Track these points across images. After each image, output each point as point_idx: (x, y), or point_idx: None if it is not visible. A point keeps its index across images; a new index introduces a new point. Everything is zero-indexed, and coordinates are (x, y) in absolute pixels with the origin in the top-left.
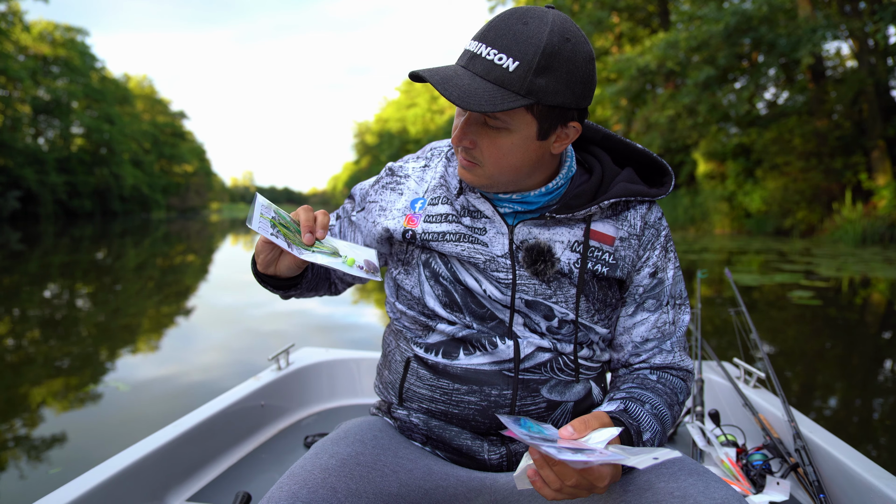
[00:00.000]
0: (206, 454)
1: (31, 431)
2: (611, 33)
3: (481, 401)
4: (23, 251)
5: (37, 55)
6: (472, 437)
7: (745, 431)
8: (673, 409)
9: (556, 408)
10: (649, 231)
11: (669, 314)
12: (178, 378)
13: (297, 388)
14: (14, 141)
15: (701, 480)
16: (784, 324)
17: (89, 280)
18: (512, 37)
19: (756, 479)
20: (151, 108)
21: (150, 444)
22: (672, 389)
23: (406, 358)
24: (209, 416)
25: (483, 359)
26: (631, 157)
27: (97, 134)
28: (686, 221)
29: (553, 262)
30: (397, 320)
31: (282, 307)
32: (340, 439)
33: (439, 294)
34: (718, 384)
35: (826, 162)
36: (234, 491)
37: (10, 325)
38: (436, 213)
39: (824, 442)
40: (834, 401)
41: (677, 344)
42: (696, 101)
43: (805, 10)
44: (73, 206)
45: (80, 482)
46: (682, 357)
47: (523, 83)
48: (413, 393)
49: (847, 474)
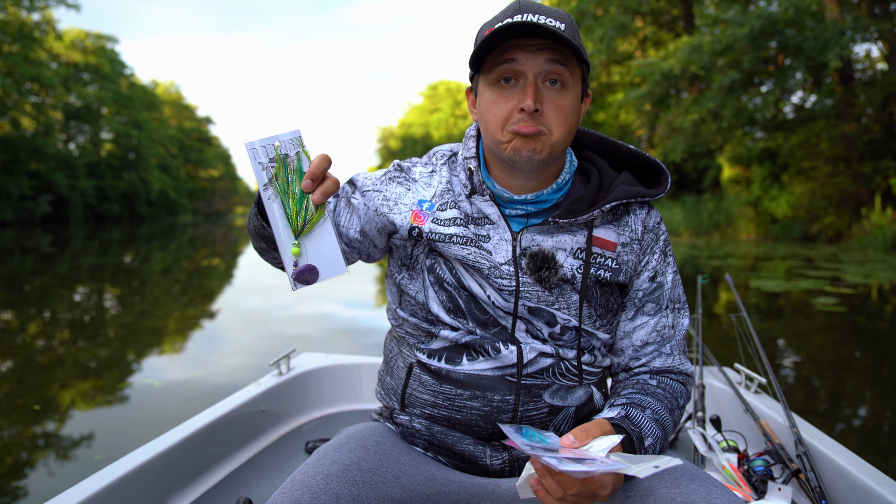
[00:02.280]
0: (207, 460)
1: (70, 423)
2: (634, 37)
3: (483, 406)
4: (53, 254)
5: (68, 63)
6: (474, 442)
7: (746, 437)
8: (674, 414)
9: (559, 413)
10: (649, 235)
11: (669, 318)
12: (204, 380)
13: (298, 393)
14: (46, 146)
15: (703, 486)
16: (811, 331)
17: (117, 282)
18: (546, 9)
19: (758, 485)
20: (178, 114)
21: (151, 449)
22: (672, 394)
23: (409, 364)
24: (210, 421)
25: (486, 364)
26: (625, 159)
27: (126, 139)
28: (710, 227)
29: (556, 268)
30: (399, 327)
31: (306, 310)
32: (342, 445)
33: (444, 300)
34: (720, 390)
35: (855, 166)
36: (235, 496)
37: (41, 326)
38: (444, 218)
39: (826, 448)
40: (864, 410)
41: (677, 347)
42: (720, 105)
43: (833, 12)
44: (101, 209)
45: (82, 487)
46: (682, 360)
47: (576, 39)
48: (415, 398)
49: (849, 480)
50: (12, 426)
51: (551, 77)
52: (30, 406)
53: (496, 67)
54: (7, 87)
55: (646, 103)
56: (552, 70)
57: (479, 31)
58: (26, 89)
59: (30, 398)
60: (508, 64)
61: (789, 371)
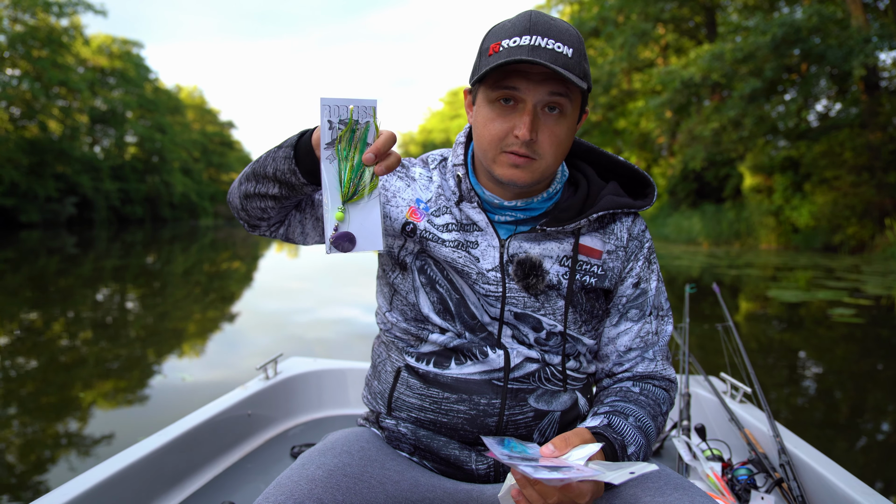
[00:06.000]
0: (191, 463)
1: (106, 411)
2: (656, 45)
3: (470, 409)
4: (78, 255)
5: (95, 67)
6: (459, 447)
7: (730, 446)
8: (657, 421)
9: (543, 417)
10: (633, 243)
11: (652, 324)
12: (226, 382)
13: (285, 397)
14: (72, 149)
15: (686, 495)
16: (832, 342)
17: (139, 284)
18: (556, 29)
19: (741, 494)
20: (201, 118)
21: (135, 452)
22: (655, 401)
23: (397, 368)
24: (195, 424)
25: (473, 368)
26: (613, 170)
27: (149, 143)
28: (731, 236)
29: (543, 275)
30: (388, 331)
31: (325, 315)
32: (327, 450)
33: (434, 301)
34: (705, 399)
35: (879, 176)
36: (220, 500)
37: (64, 325)
38: (439, 224)
39: (808, 457)
40: (887, 425)
41: (660, 353)
42: (741, 113)
43: (858, 19)
44: (125, 212)
45: (65, 490)
46: (665, 366)
47: (580, 67)
48: (402, 402)
49: (830, 489)
50: (53, 421)
51: (550, 104)
52: (62, 401)
53: (497, 89)
54: (36, 91)
55: (666, 111)
56: (553, 100)
57: (486, 41)
58: (54, 93)
59: (52, 395)
60: (510, 90)
61: (789, 380)
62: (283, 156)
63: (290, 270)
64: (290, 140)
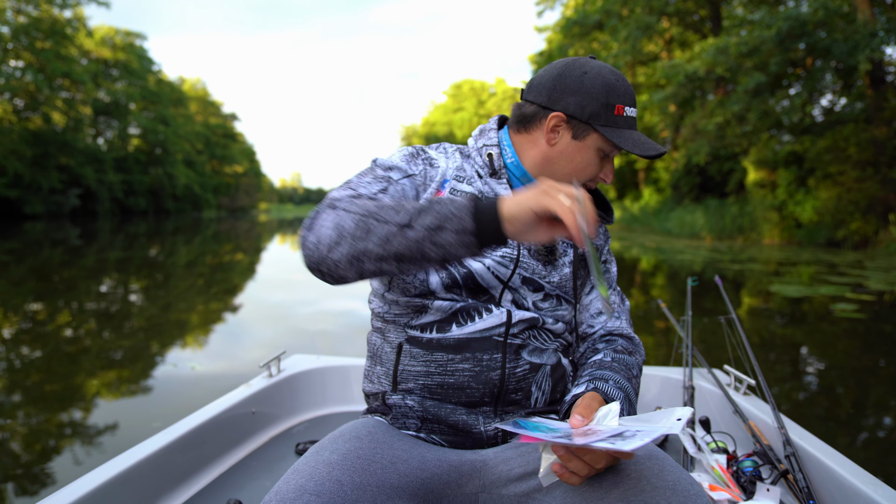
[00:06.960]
0: (196, 461)
1: (109, 402)
2: (660, 38)
3: (474, 366)
4: (81, 246)
5: (98, 59)
6: (466, 412)
7: (735, 438)
8: (632, 383)
9: (538, 370)
10: (604, 236)
11: (617, 296)
12: (229, 374)
13: (289, 395)
14: (76, 141)
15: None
16: (834, 338)
17: (143, 275)
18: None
19: (746, 486)
20: (204, 110)
21: (140, 451)
22: (626, 366)
23: (398, 344)
24: (200, 423)
25: (474, 326)
26: None
27: (152, 135)
28: (733, 230)
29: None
30: (386, 312)
31: (329, 307)
32: (338, 437)
33: (443, 277)
34: (709, 391)
35: (883, 171)
36: (226, 499)
37: (68, 316)
38: (461, 190)
39: (814, 448)
40: (889, 419)
41: (624, 315)
42: (745, 108)
43: (864, 13)
44: (128, 203)
45: (73, 489)
46: (629, 327)
47: None
48: (408, 373)
49: (836, 480)
50: (57, 411)
51: None
52: (66, 391)
53: (615, 149)
54: (39, 83)
55: (670, 105)
56: None
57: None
58: (57, 85)
59: (56, 384)
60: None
61: (791, 375)
62: (460, 242)
63: (293, 262)
64: (465, 225)
